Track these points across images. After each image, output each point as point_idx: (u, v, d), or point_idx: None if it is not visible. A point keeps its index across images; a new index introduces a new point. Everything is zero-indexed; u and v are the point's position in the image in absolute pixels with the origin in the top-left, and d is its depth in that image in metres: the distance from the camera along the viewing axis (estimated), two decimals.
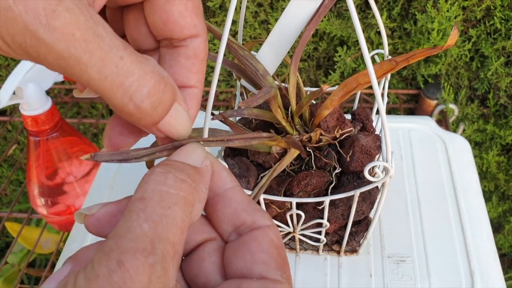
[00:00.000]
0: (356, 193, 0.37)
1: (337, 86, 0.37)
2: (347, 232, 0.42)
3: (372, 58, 0.44)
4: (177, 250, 0.17)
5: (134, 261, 0.16)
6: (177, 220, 0.18)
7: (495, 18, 0.69)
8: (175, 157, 0.21)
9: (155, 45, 0.23)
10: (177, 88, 0.21)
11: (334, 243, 0.46)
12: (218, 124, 0.43)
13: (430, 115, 0.81)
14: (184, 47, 0.22)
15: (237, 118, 0.45)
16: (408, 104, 0.85)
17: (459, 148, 0.56)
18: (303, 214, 0.39)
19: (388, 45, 0.76)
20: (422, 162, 0.55)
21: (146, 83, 0.19)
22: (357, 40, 0.76)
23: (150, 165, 0.36)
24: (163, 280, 0.16)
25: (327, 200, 0.37)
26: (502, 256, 0.96)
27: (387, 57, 0.41)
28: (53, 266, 0.78)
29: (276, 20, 0.76)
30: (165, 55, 0.23)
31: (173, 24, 0.21)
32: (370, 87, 0.30)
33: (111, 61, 0.18)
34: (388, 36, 0.76)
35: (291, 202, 0.38)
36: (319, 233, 0.42)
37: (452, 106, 0.79)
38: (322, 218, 0.39)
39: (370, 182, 0.36)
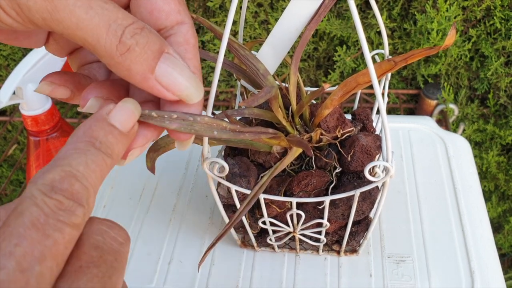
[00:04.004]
0: (357, 193, 0.37)
1: (337, 86, 0.37)
2: (347, 232, 0.42)
3: (372, 58, 0.44)
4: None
5: None
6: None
7: (495, 18, 0.69)
8: (112, 117, 0.21)
9: None
10: (165, 40, 0.22)
11: (334, 243, 0.46)
12: None
13: (430, 115, 0.81)
14: (173, 35, 0.23)
15: (238, 118, 0.45)
16: (408, 104, 0.85)
17: (459, 148, 0.56)
18: (303, 214, 0.39)
19: (388, 45, 0.76)
20: (422, 162, 0.55)
21: (129, 21, 0.20)
22: (357, 40, 0.76)
23: (151, 166, 0.36)
24: None
25: (327, 200, 0.37)
26: (502, 256, 0.96)
27: (388, 57, 0.41)
28: None
29: (276, 20, 0.76)
30: None
31: (158, 11, 0.23)
32: (370, 87, 0.30)
33: (96, 3, 0.19)
34: (388, 36, 0.76)
35: (291, 202, 0.38)
36: (319, 233, 0.42)
37: (452, 106, 0.79)
38: (322, 218, 0.39)
39: (370, 182, 0.36)
